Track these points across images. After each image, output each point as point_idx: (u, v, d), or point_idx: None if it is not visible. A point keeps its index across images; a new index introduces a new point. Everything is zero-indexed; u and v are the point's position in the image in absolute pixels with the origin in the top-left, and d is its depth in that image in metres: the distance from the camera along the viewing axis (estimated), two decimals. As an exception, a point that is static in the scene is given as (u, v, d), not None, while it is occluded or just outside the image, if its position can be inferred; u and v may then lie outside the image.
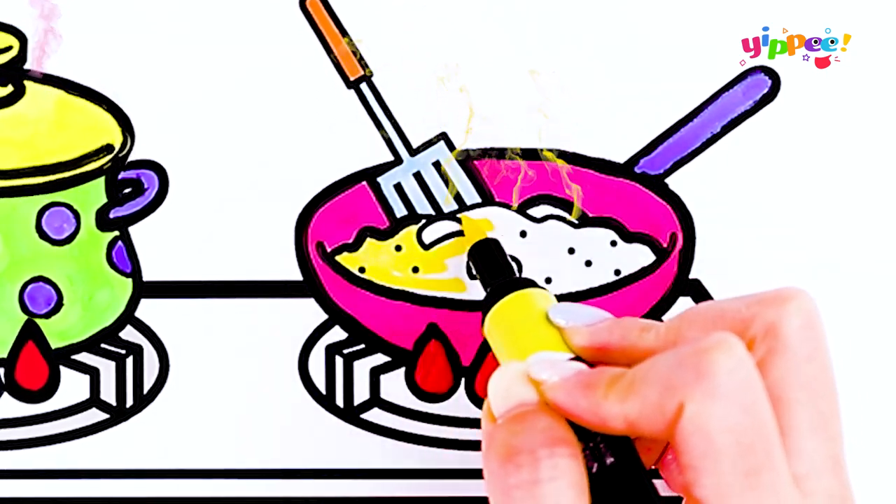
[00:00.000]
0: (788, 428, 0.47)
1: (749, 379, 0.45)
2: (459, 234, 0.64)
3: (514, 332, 0.53)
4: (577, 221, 0.64)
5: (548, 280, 0.64)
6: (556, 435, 0.47)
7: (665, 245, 0.64)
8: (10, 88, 0.64)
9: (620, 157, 0.64)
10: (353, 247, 0.64)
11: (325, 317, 0.65)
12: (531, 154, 0.64)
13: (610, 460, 0.47)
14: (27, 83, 0.64)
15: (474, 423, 0.65)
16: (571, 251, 0.64)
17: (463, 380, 0.64)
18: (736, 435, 0.45)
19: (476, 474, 0.64)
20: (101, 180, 0.64)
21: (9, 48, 0.64)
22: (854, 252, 0.64)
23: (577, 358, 0.51)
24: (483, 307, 0.55)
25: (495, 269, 0.59)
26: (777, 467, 0.45)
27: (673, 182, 0.64)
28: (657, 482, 0.48)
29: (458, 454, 0.65)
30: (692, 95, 0.64)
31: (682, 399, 0.45)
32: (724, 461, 0.45)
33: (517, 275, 0.58)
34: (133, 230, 0.64)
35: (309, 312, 0.64)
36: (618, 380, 0.47)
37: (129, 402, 0.65)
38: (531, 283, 0.55)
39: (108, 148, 0.64)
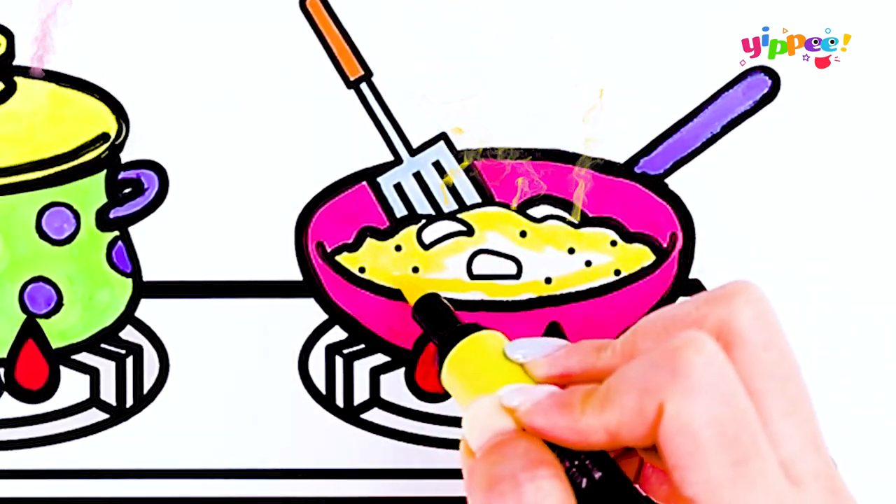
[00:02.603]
0: (762, 417, 0.47)
1: (723, 371, 0.46)
2: (460, 233, 0.64)
3: (475, 374, 0.53)
4: (577, 221, 0.64)
5: (547, 280, 0.64)
6: (536, 458, 0.47)
7: (665, 245, 0.64)
8: (0, 86, 0.64)
9: (620, 157, 0.64)
10: (353, 247, 0.64)
11: (325, 317, 0.65)
12: (532, 154, 0.64)
13: (598, 474, 0.47)
14: (18, 79, 0.64)
15: None
16: (571, 251, 0.64)
17: None
18: (719, 427, 0.45)
19: None
20: (101, 179, 0.64)
21: None
22: (854, 252, 0.64)
23: None
24: (438, 358, 0.56)
25: (441, 321, 0.59)
26: (763, 454, 0.45)
27: (673, 182, 0.64)
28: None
29: (457, 454, 0.62)
30: (692, 95, 0.64)
31: (661, 399, 0.45)
32: (710, 455, 0.45)
33: (461, 322, 0.58)
34: (133, 230, 0.64)
35: (309, 312, 0.64)
36: (592, 394, 0.48)
37: (129, 402, 0.65)
38: (479, 328, 0.55)
39: (104, 137, 0.64)
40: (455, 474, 0.64)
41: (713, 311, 0.49)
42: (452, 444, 0.65)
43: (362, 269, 0.64)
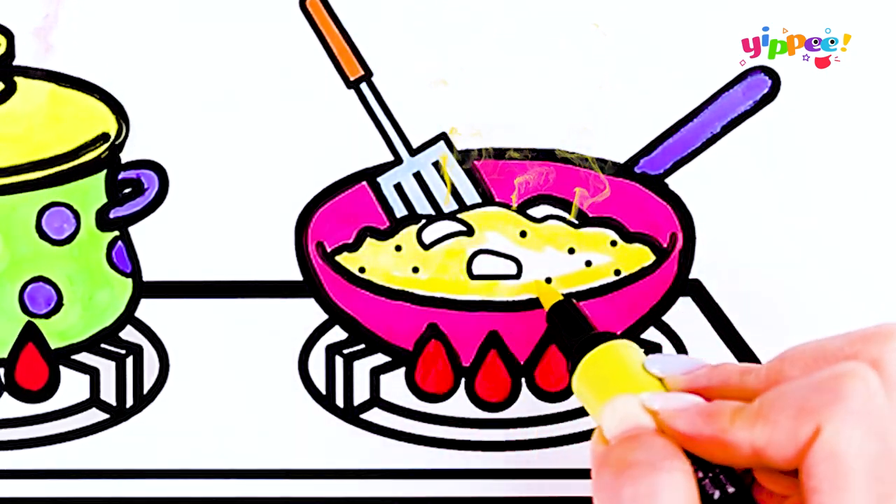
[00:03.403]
0: None
1: (883, 407, 0.46)
2: (459, 234, 0.64)
3: (611, 380, 0.53)
4: (576, 221, 0.64)
5: (548, 280, 0.64)
6: (674, 452, 0.47)
7: (665, 245, 0.64)
8: (0, 86, 0.64)
9: (621, 157, 0.64)
10: (353, 247, 0.64)
11: (325, 317, 0.65)
12: (531, 154, 0.64)
13: (731, 490, 0.47)
14: (18, 79, 0.64)
15: (474, 424, 0.65)
16: (571, 251, 0.64)
17: (463, 380, 0.64)
18: (871, 461, 0.45)
19: (476, 474, 0.65)
20: (101, 179, 0.64)
21: None
22: (854, 252, 0.64)
23: None
24: (571, 362, 0.55)
25: (576, 326, 0.59)
26: None
27: (673, 182, 0.64)
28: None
29: (458, 454, 0.65)
30: (692, 95, 0.64)
31: (819, 422, 0.45)
32: (856, 486, 0.44)
33: (596, 329, 0.58)
34: (133, 230, 0.64)
35: (309, 312, 0.64)
36: (743, 409, 0.47)
37: (129, 402, 0.65)
38: (615, 336, 0.55)
39: (104, 137, 0.64)
40: (455, 475, 0.65)
41: (866, 350, 0.48)
42: (452, 444, 0.65)
43: (362, 269, 0.64)
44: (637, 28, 0.64)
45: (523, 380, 0.64)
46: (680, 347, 0.64)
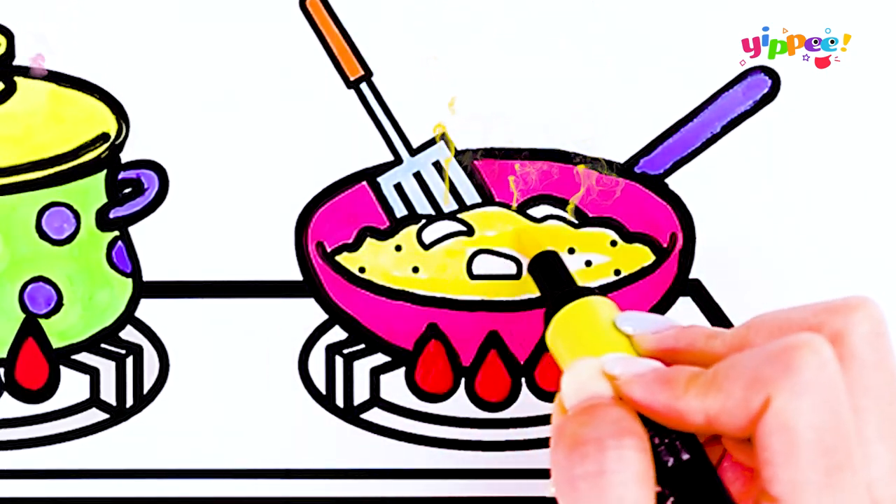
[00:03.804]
0: (857, 435, 0.47)
1: (835, 378, 0.46)
2: (459, 234, 0.64)
3: (581, 337, 0.53)
4: (576, 221, 0.64)
5: None
6: (626, 427, 0.47)
7: (665, 245, 0.64)
8: (0, 86, 0.64)
9: (621, 157, 0.64)
10: (353, 247, 0.64)
11: (325, 317, 0.65)
12: (532, 154, 0.64)
13: (686, 456, 0.47)
14: (18, 79, 0.64)
15: (474, 423, 0.65)
16: (571, 251, 0.64)
17: (463, 380, 0.64)
18: (820, 433, 0.45)
19: (476, 474, 0.65)
20: (101, 179, 0.64)
21: None
22: (854, 252, 0.64)
23: None
24: (546, 314, 0.55)
25: (556, 280, 0.59)
26: (856, 468, 0.45)
27: (673, 182, 0.64)
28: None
29: (458, 454, 0.65)
30: (692, 95, 0.64)
31: (769, 393, 0.45)
32: (805, 457, 0.44)
33: (576, 284, 0.58)
34: (133, 230, 0.64)
35: (309, 312, 0.65)
36: (698, 377, 0.47)
37: (129, 402, 0.65)
38: (593, 292, 0.55)
39: (104, 137, 0.64)
40: (455, 474, 0.65)
41: (830, 321, 0.48)
42: (452, 443, 0.65)
43: (362, 269, 0.64)
44: (637, 28, 0.64)
45: (523, 380, 0.64)
46: (680, 347, 0.64)
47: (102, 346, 0.65)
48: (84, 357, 0.65)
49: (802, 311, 0.49)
